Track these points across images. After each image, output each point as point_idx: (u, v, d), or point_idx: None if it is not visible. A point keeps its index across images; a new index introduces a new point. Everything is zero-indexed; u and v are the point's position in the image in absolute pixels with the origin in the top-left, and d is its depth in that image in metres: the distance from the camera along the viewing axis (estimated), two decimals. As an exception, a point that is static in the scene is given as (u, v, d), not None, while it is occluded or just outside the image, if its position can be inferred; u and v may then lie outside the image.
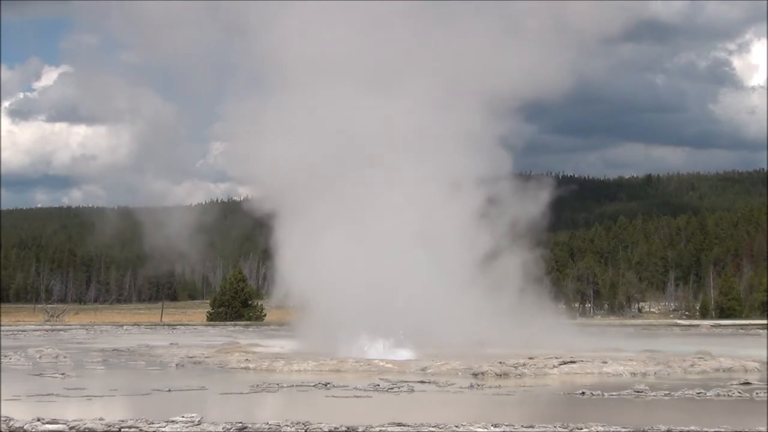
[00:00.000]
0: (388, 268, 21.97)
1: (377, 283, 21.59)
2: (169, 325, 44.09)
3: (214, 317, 50.52)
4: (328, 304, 21.90)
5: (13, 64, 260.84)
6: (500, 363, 17.80)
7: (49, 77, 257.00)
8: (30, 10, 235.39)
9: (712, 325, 41.91)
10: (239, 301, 51.16)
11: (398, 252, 22.54)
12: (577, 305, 77.03)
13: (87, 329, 37.56)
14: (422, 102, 24.53)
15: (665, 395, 14.36)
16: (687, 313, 73.97)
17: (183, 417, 10.54)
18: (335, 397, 14.31)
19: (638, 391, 14.62)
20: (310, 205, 23.51)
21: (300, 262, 23.06)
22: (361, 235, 22.67)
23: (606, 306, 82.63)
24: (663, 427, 10.23)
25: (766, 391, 14.51)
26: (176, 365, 19.80)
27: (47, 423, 10.38)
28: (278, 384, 15.66)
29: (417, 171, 23.99)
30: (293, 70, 24.85)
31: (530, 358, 18.30)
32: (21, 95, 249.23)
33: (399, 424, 10.34)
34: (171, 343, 26.15)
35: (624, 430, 10.20)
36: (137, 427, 10.23)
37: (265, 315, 50.96)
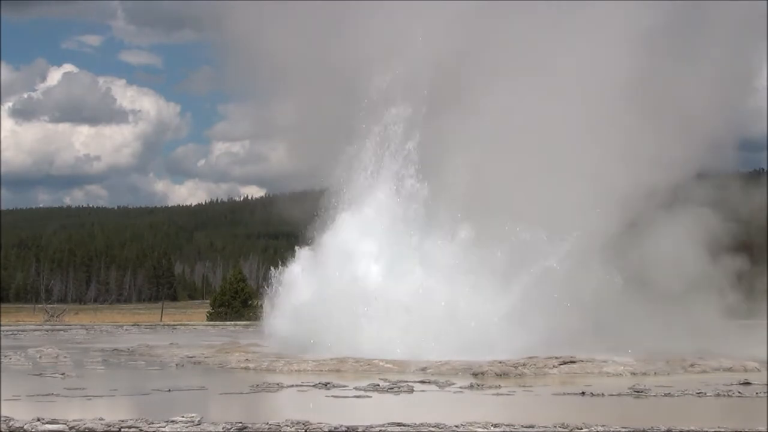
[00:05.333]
0: None
1: None
2: (169, 325, 44.08)
3: (214, 317, 50.52)
4: None
5: (19, 65, 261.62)
6: (500, 363, 17.82)
7: (53, 77, 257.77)
8: (33, 10, 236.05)
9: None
10: (239, 301, 51.18)
11: None
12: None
13: (87, 329, 37.53)
14: None
15: (665, 395, 14.37)
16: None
17: (183, 417, 10.55)
18: (335, 397, 14.31)
19: (638, 391, 14.63)
20: None
21: None
22: None
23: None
24: (663, 427, 10.23)
25: (766, 391, 14.52)
26: (176, 365, 19.80)
27: (47, 423, 10.38)
28: (278, 384, 15.66)
29: None
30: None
31: (530, 358, 18.30)
32: (25, 95, 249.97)
33: (399, 424, 10.35)
34: (171, 343, 26.12)
35: (624, 430, 10.20)
36: (137, 427, 10.23)
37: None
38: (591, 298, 20.27)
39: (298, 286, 22.70)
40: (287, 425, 10.31)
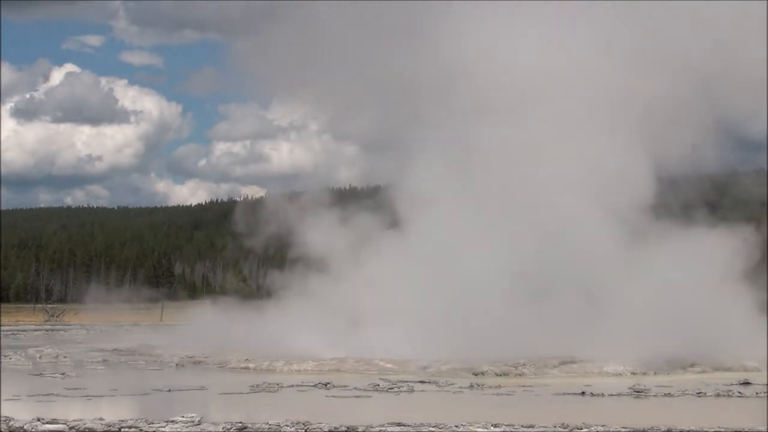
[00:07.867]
0: None
1: None
2: (169, 324, 44.06)
3: (214, 317, 50.61)
4: None
5: (20, 65, 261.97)
6: (500, 363, 17.82)
7: (55, 78, 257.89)
8: (34, 10, 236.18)
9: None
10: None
11: None
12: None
13: (87, 329, 37.53)
14: None
15: (665, 395, 14.37)
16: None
17: (183, 417, 10.55)
18: (335, 397, 14.32)
19: (638, 391, 14.64)
20: None
21: None
22: None
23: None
24: (663, 427, 10.23)
25: (766, 391, 14.52)
26: (176, 365, 19.81)
27: (47, 423, 10.38)
28: (278, 384, 15.67)
29: None
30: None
31: (530, 358, 18.27)
32: (26, 95, 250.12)
33: (399, 424, 10.35)
34: (171, 343, 26.10)
35: (624, 430, 10.21)
36: (137, 427, 10.23)
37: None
38: None
39: None
40: (287, 425, 10.31)
